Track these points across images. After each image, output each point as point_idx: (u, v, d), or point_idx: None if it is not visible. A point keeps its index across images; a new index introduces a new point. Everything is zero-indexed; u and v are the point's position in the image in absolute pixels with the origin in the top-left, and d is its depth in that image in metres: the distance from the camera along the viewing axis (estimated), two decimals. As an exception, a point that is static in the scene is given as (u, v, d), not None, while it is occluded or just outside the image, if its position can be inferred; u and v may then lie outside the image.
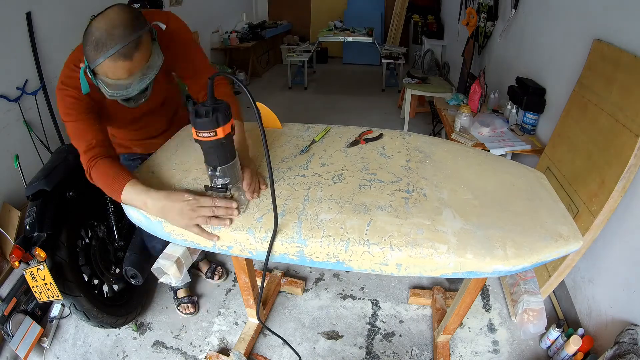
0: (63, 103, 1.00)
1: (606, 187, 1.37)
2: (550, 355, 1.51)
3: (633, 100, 1.33)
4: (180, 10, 4.00)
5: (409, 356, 1.54)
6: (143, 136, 1.34)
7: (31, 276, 1.24)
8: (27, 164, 1.90)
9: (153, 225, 0.92)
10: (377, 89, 4.88)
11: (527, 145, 2.04)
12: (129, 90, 0.91)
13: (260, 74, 5.44)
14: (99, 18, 0.84)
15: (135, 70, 0.89)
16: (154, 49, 0.93)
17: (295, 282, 1.82)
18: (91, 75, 0.89)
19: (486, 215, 0.87)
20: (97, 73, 0.88)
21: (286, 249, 0.84)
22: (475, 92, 2.44)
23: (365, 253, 0.80)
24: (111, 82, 0.89)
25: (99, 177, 0.96)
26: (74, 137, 1.01)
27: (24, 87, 2.10)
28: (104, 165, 0.96)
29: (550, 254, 0.81)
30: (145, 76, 0.91)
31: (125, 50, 0.84)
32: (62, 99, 1.00)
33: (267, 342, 1.60)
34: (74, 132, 1.01)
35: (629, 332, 1.23)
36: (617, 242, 1.42)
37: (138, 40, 0.86)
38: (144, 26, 0.88)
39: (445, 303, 1.70)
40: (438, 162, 1.08)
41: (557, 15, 1.99)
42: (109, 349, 1.59)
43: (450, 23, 4.46)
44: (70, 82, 0.98)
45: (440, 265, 0.79)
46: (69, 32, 2.37)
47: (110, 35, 0.82)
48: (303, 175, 1.01)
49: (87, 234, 1.53)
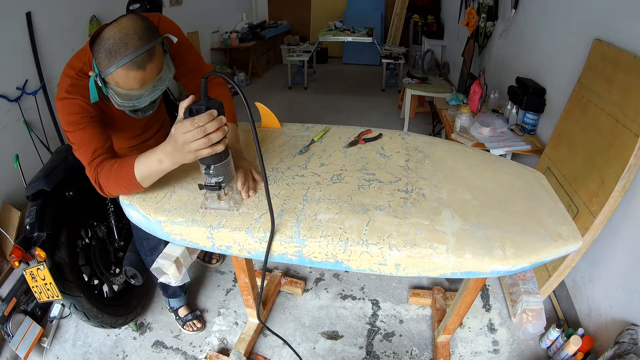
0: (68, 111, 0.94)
1: (606, 187, 1.37)
2: (551, 355, 1.51)
3: (633, 100, 1.33)
4: (180, 10, 4.00)
5: (409, 356, 1.54)
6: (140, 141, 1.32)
7: (31, 276, 1.24)
8: (27, 164, 1.90)
9: (152, 225, 0.92)
10: (377, 89, 4.88)
11: (527, 145, 2.04)
12: (140, 101, 0.90)
13: (260, 74, 5.44)
14: (113, 26, 0.83)
15: (148, 81, 0.87)
16: (165, 60, 0.92)
17: (295, 282, 1.82)
18: (101, 84, 0.87)
19: (485, 216, 0.87)
20: (107, 82, 0.87)
21: (285, 249, 0.84)
22: (475, 92, 2.44)
23: (364, 253, 0.80)
24: (122, 92, 0.88)
25: (107, 178, 0.92)
26: (79, 147, 0.95)
27: (24, 87, 2.11)
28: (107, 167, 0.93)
29: (550, 254, 0.81)
30: (156, 88, 0.90)
31: (139, 60, 0.82)
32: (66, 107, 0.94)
33: (267, 342, 1.60)
34: (78, 141, 0.95)
35: (629, 332, 1.23)
36: (617, 242, 1.42)
37: (152, 50, 0.85)
38: (156, 37, 0.87)
39: (445, 303, 1.69)
40: (437, 162, 1.08)
41: (557, 15, 1.99)
42: (109, 349, 1.59)
43: (450, 23, 4.45)
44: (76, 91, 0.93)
45: (439, 265, 0.79)
46: (69, 32, 2.38)
47: (124, 43, 0.81)
48: (302, 175, 1.01)
49: (87, 234, 1.53)
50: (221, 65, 4.92)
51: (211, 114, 0.75)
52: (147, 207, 0.93)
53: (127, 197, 0.97)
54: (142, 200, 0.95)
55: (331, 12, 6.05)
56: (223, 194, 0.88)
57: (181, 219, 0.89)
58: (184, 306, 1.68)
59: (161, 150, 0.84)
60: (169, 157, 0.83)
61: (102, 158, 0.94)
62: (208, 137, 0.76)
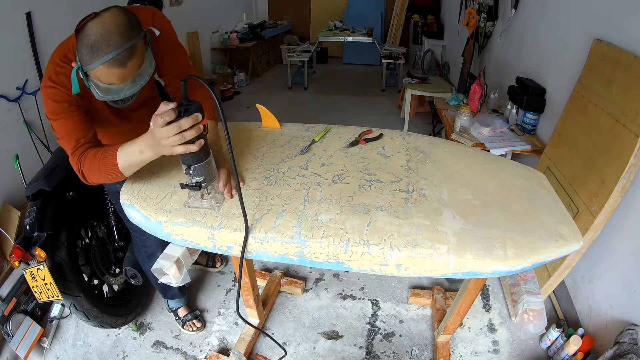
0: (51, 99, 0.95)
1: (606, 187, 1.37)
2: (550, 355, 1.51)
3: (633, 100, 1.33)
4: (180, 10, 4.00)
5: (409, 356, 1.54)
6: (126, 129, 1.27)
7: (31, 276, 1.24)
8: (27, 164, 1.90)
9: (153, 226, 0.92)
10: (377, 89, 4.88)
11: (527, 145, 2.04)
12: (120, 94, 0.91)
13: (260, 74, 5.44)
14: (96, 21, 0.84)
15: (127, 77, 0.88)
16: (147, 55, 0.92)
17: (295, 282, 1.82)
18: (83, 77, 0.88)
19: (486, 216, 0.87)
20: (89, 75, 0.88)
21: (286, 249, 0.84)
22: (475, 92, 2.44)
23: (365, 253, 0.80)
24: (102, 86, 0.89)
25: (90, 167, 0.93)
26: (63, 136, 0.96)
27: (24, 87, 2.10)
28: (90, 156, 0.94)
29: (550, 254, 0.81)
30: (136, 82, 0.91)
31: (120, 57, 0.83)
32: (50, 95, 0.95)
33: (267, 342, 1.60)
34: (62, 130, 0.96)
35: (629, 332, 1.23)
36: (617, 242, 1.42)
37: (133, 48, 0.85)
38: (139, 32, 0.88)
39: (445, 303, 1.70)
40: (438, 162, 1.08)
41: (557, 15, 1.99)
42: (109, 349, 1.59)
43: (450, 23, 4.45)
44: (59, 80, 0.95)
45: (440, 265, 0.79)
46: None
47: (106, 41, 0.82)
48: (303, 175, 1.01)
49: (87, 234, 1.53)
50: (221, 65, 4.92)
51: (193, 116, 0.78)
52: (147, 207, 0.93)
53: (128, 197, 0.97)
54: (142, 201, 0.95)
55: (331, 12, 6.04)
56: (206, 193, 0.90)
57: (182, 219, 0.89)
58: (184, 307, 1.68)
59: (143, 141, 0.85)
60: (149, 148, 0.84)
61: (86, 147, 0.96)
62: (182, 135, 0.77)
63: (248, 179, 1.00)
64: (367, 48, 5.40)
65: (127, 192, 0.98)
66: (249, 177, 1.01)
